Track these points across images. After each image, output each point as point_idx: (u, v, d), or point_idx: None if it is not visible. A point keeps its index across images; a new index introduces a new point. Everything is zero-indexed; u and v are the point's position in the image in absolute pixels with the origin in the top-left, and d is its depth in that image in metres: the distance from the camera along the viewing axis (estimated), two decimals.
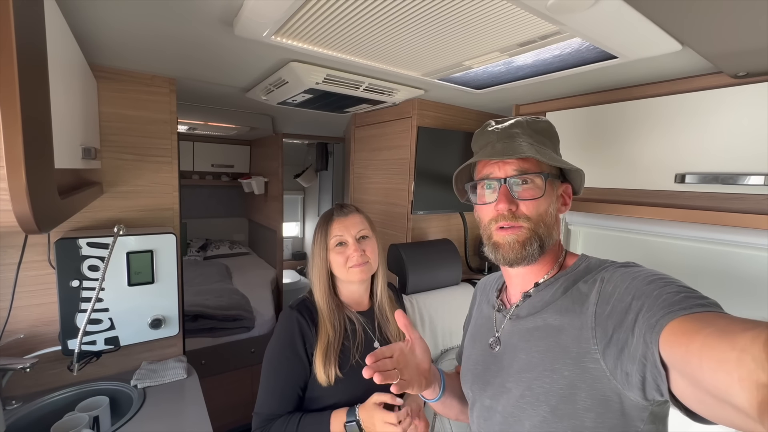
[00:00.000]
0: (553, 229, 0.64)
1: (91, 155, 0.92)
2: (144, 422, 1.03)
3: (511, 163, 0.62)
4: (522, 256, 0.61)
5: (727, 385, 0.33)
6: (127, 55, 1.09)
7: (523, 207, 0.62)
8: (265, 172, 3.10)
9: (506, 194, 0.62)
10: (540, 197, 0.61)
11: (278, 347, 0.93)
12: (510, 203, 0.61)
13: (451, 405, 0.80)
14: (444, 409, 0.82)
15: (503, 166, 0.63)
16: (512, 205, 0.61)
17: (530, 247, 0.61)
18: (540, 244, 0.62)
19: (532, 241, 0.61)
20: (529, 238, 0.61)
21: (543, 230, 0.62)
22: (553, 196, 0.64)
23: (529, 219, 0.61)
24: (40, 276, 1.13)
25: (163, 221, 1.34)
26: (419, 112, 1.53)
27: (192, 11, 0.79)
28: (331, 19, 0.76)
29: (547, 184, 0.62)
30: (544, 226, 0.62)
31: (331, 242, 0.97)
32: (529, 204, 0.61)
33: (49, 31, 0.56)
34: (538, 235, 0.61)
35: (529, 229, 0.61)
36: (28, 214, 0.43)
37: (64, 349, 1.08)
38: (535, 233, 0.61)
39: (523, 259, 0.62)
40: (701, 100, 0.98)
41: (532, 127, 0.66)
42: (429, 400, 0.77)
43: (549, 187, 0.63)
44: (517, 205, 0.62)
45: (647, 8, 0.62)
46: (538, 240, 0.61)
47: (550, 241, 0.63)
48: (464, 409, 0.82)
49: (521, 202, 0.62)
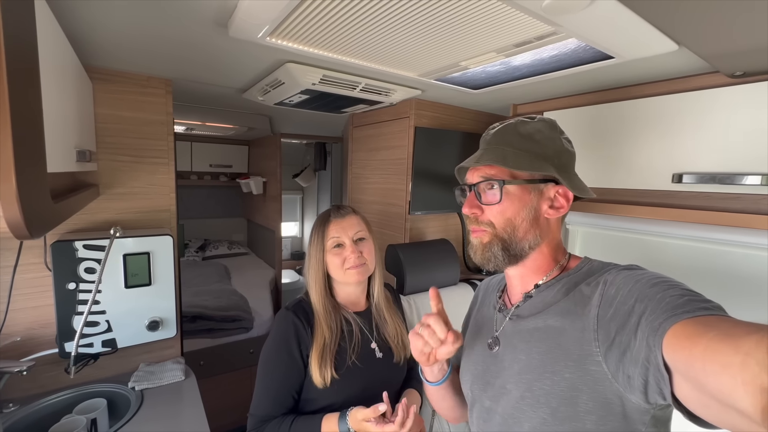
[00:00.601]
0: (528, 233, 0.63)
1: (86, 158, 0.92)
2: (142, 424, 1.03)
3: (480, 169, 0.66)
4: (486, 258, 0.65)
5: (731, 389, 0.33)
6: (122, 57, 1.09)
7: (488, 211, 0.65)
8: (263, 172, 3.09)
9: (470, 199, 0.67)
10: (497, 203, 0.63)
11: (273, 349, 0.92)
12: (473, 207, 0.66)
13: (446, 396, 0.80)
14: (437, 399, 0.81)
15: (474, 173, 0.67)
16: (475, 209, 0.65)
17: (491, 250, 0.64)
18: (504, 248, 0.64)
19: (493, 244, 0.64)
20: (490, 242, 0.64)
21: (508, 235, 0.64)
22: (530, 200, 0.63)
23: (491, 224, 0.64)
24: (37, 278, 1.13)
25: (160, 223, 1.33)
26: (416, 112, 1.53)
27: (186, 12, 0.79)
28: (326, 20, 0.75)
29: (511, 189, 0.63)
30: (511, 229, 0.63)
31: (328, 244, 0.97)
32: (493, 209, 0.64)
33: (41, 33, 0.56)
34: (501, 239, 0.64)
35: (491, 234, 0.64)
36: (19, 219, 0.43)
37: (61, 352, 1.08)
38: (497, 237, 0.64)
39: (487, 261, 0.65)
40: (698, 100, 0.98)
41: (519, 131, 0.66)
42: (431, 383, 0.77)
43: (520, 192, 0.63)
44: (483, 210, 0.65)
45: (642, 9, 0.62)
46: (499, 243, 0.64)
47: (524, 245, 0.64)
48: (456, 406, 0.82)
49: (485, 207, 0.65)
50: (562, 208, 0.65)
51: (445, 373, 0.77)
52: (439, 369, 0.76)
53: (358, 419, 0.84)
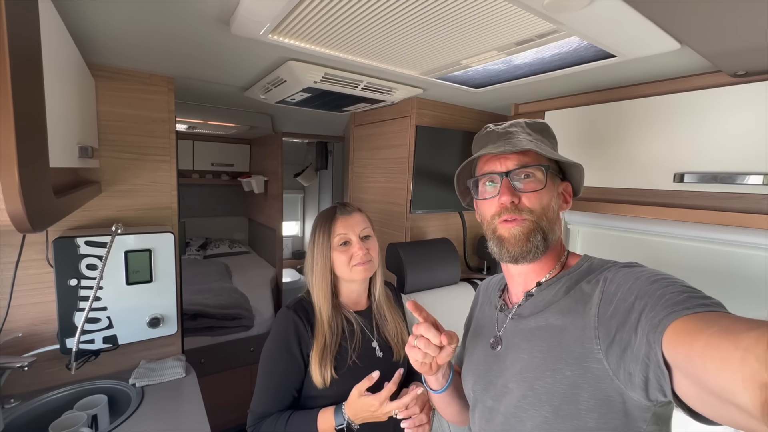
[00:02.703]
0: (555, 224, 0.64)
1: (88, 154, 0.92)
2: (142, 421, 1.04)
3: (512, 157, 0.63)
4: (527, 249, 0.61)
5: (731, 385, 0.33)
6: (124, 54, 1.09)
7: (526, 199, 0.62)
8: (264, 171, 3.09)
9: (508, 186, 0.62)
10: (542, 189, 0.62)
11: (274, 347, 0.92)
12: (513, 195, 0.62)
13: (451, 402, 0.80)
14: (443, 406, 0.81)
15: (504, 161, 0.64)
16: (515, 197, 0.62)
17: (534, 239, 0.61)
18: (543, 237, 0.62)
19: (536, 233, 0.61)
20: (533, 230, 0.61)
21: (546, 224, 0.62)
22: (554, 191, 0.65)
23: (532, 211, 0.62)
24: (38, 275, 1.14)
25: (161, 220, 1.34)
26: (418, 111, 1.53)
27: (188, 10, 0.79)
28: (328, 17, 0.76)
29: (548, 176, 0.62)
30: (546, 219, 0.62)
31: (334, 241, 0.96)
32: (532, 196, 0.62)
33: (44, 30, 0.56)
34: (542, 228, 0.62)
35: (533, 221, 0.61)
36: (21, 212, 0.43)
37: (62, 348, 1.08)
38: (539, 226, 0.62)
39: (528, 252, 0.61)
40: (700, 99, 0.97)
41: (531, 126, 0.68)
42: (434, 391, 0.76)
43: (550, 181, 0.63)
44: (520, 197, 0.62)
45: (645, 7, 0.62)
46: (541, 232, 0.62)
47: (553, 236, 0.64)
48: (462, 410, 0.81)
49: (524, 194, 0.62)
50: (567, 203, 0.67)
51: (449, 377, 0.76)
52: (443, 375, 0.75)
53: (354, 397, 0.84)
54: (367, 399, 0.83)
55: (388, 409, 0.83)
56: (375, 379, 0.85)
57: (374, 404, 0.82)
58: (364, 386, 0.84)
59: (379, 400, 0.82)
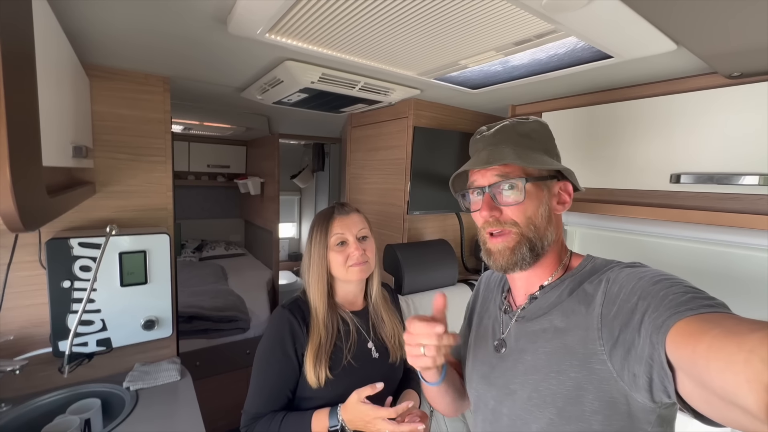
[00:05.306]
0: (546, 230, 0.63)
1: (82, 153, 0.91)
2: (136, 425, 1.02)
3: (493, 170, 0.64)
4: (513, 262, 0.62)
5: (735, 386, 0.33)
6: (120, 54, 1.08)
7: (509, 212, 0.62)
8: (261, 173, 3.08)
9: (488, 201, 0.63)
10: (521, 202, 0.62)
11: (268, 347, 0.92)
12: (492, 210, 0.62)
13: (445, 394, 0.78)
14: (439, 398, 0.80)
15: (486, 174, 0.64)
16: (495, 211, 0.62)
17: (519, 251, 0.61)
18: (531, 248, 0.62)
19: (522, 245, 0.62)
20: (519, 243, 0.62)
21: (533, 233, 0.62)
22: (543, 197, 0.64)
23: (515, 224, 0.62)
24: (31, 276, 1.12)
25: (156, 221, 1.32)
26: (415, 112, 1.53)
27: (185, 9, 0.78)
28: (325, 16, 0.75)
29: (528, 187, 0.62)
30: (534, 228, 0.62)
31: (331, 241, 0.95)
32: (514, 209, 0.62)
33: (38, 29, 0.55)
34: (528, 239, 0.62)
35: (518, 234, 0.62)
36: (13, 211, 0.42)
37: (55, 351, 1.07)
38: (524, 237, 0.62)
39: (514, 264, 0.62)
40: (696, 101, 0.98)
41: (517, 130, 0.66)
42: (431, 383, 0.75)
43: (535, 189, 0.63)
44: (501, 210, 0.63)
45: (642, 7, 0.62)
46: (527, 244, 0.62)
47: (545, 242, 0.63)
48: (454, 401, 0.80)
49: (505, 207, 0.62)
50: (566, 202, 0.66)
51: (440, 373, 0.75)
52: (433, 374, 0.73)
53: (352, 402, 0.83)
54: (365, 407, 0.82)
55: (381, 426, 0.81)
56: (378, 389, 0.82)
57: (370, 414, 0.81)
58: (365, 393, 0.82)
59: (376, 414, 0.81)
